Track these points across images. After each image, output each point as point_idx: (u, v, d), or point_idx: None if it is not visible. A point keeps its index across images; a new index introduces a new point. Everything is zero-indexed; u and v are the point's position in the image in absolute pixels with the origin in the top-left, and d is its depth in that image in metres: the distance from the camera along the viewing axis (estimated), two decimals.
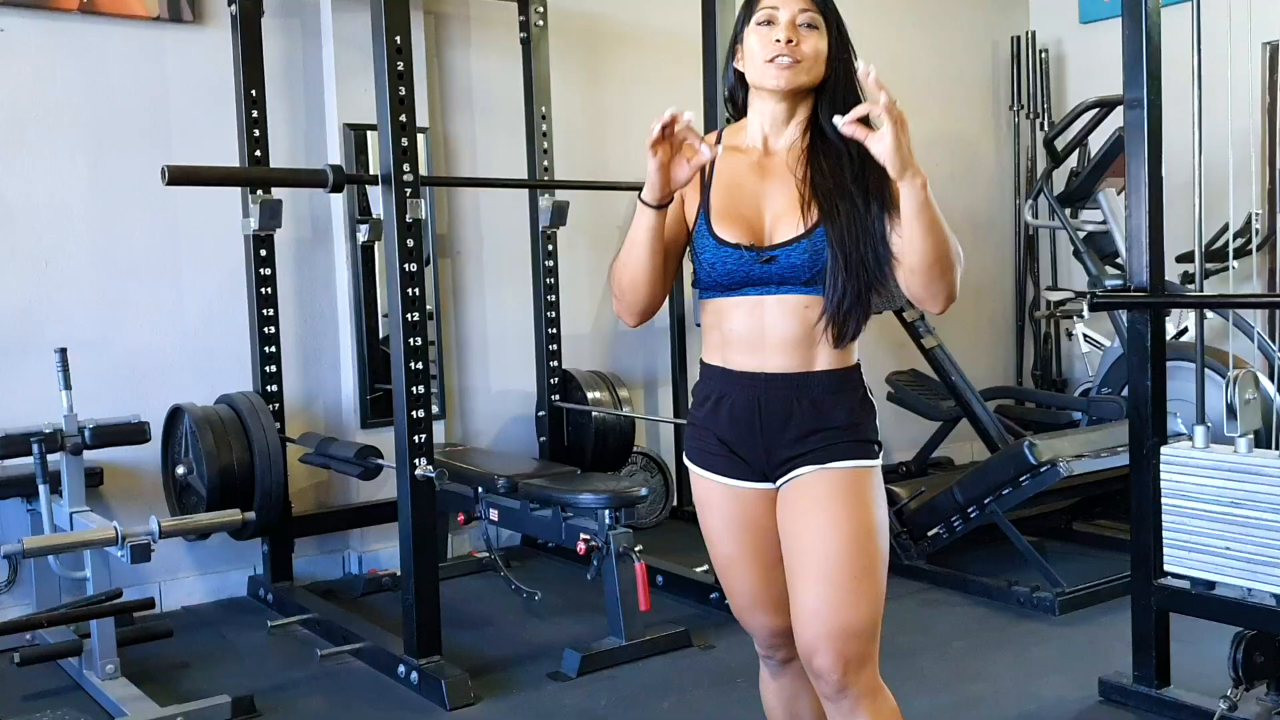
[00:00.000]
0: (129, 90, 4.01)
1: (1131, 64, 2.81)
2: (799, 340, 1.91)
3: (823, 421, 1.92)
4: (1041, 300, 6.09)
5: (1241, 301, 3.66)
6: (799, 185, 1.92)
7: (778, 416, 1.93)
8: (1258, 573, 2.62)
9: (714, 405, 1.98)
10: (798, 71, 1.90)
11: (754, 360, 1.93)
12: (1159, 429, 2.87)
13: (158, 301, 4.08)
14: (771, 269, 1.89)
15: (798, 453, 1.92)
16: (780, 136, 1.97)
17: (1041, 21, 6.33)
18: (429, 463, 3.16)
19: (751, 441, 1.94)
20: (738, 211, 1.93)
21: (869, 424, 1.97)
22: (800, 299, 1.90)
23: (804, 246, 1.87)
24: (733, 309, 1.94)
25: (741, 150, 2.00)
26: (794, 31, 1.90)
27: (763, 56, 1.92)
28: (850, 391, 1.95)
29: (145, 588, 4.00)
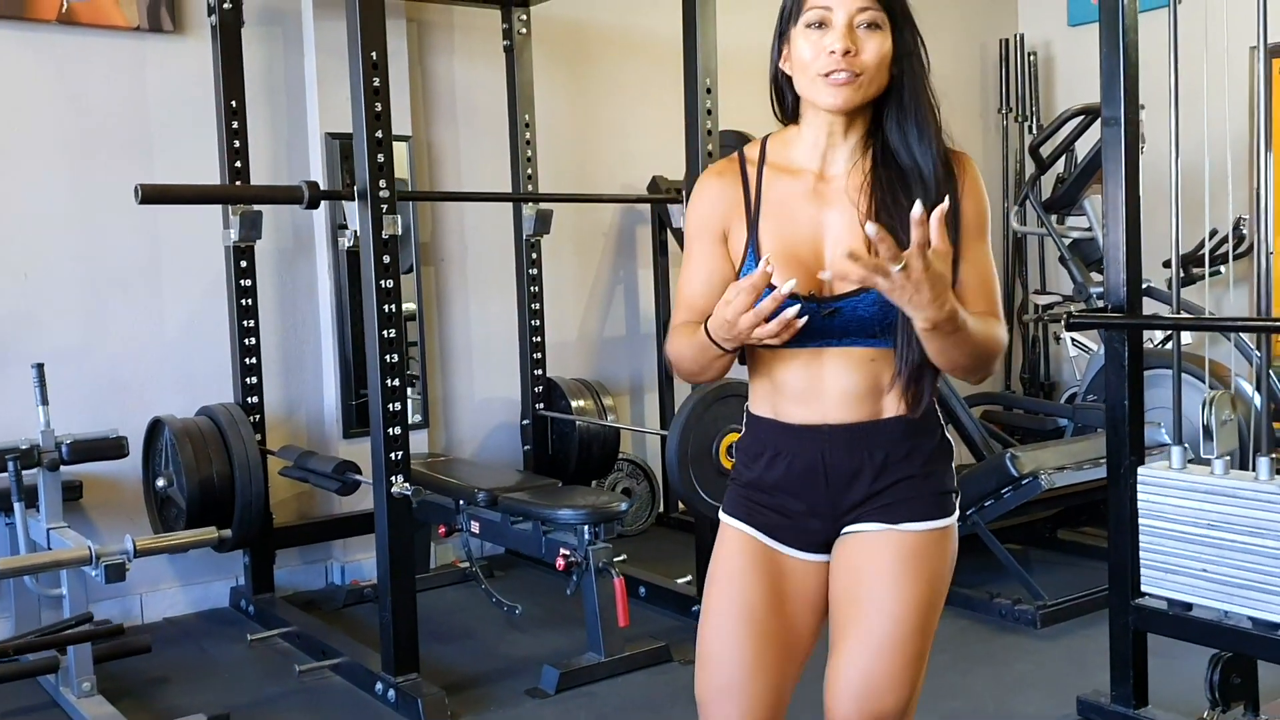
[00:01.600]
0: (109, 100, 3.99)
1: (1109, 83, 2.80)
2: (865, 393, 1.68)
3: (895, 473, 1.70)
4: (1029, 304, 6.08)
5: (1217, 324, 3.66)
6: (861, 219, 1.64)
7: (845, 471, 1.70)
8: (1234, 595, 2.61)
9: (769, 463, 1.73)
10: (858, 87, 1.62)
11: (813, 412, 1.69)
12: (1136, 448, 2.86)
13: (138, 313, 4.06)
14: (834, 322, 1.64)
15: (866, 506, 1.70)
16: (838, 155, 1.69)
17: (1030, 24, 6.31)
18: (405, 480, 3.15)
19: (815, 501, 1.71)
20: (793, 252, 1.66)
21: (947, 471, 1.75)
22: (865, 352, 1.66)
23: (872, 298, 1.60)
24: (787, 359, 1.70)
25: (793, 171, 1.71)
26: (852, 37, 1.61)
27: (816, 69, 1.62)
28: (927, 435, 1.72)
29: (126, 600, 3.99)
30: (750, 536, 1.74)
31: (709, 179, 1.77)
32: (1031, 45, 6.20)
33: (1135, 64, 2.81)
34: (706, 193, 1.76)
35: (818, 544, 1.74)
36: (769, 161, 1.72)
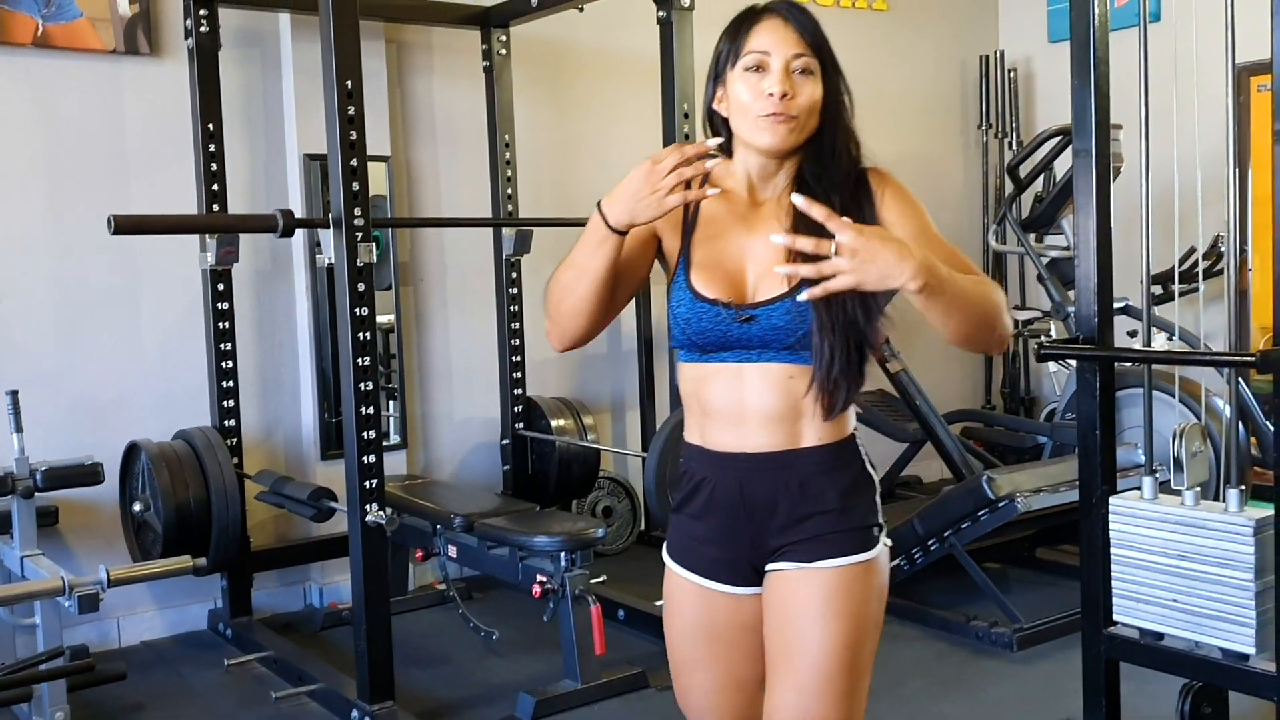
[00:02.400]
0: (85, 124, 3.98)
1: (1080, 114, 2.80)
2: (783, 415, 1.72)
3: (813, 505, 1.73)
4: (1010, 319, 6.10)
5: (1188, 358, 3.67)
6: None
7: (763, 503, 1.74)
8: (1204, 626, 2.61)
9: (693, 490, 1.80)
10: (793, 130, 1.72)
11: (734, 438, 1.75)
12: (1108, 477, 2.86)
13: (115, 336, 4.05)
14: (751, 330, 1.71)
15: (786, 542, 1.74)
16: (768, 187, 1.80)
17: (1010, 41, 6.33)
18: (380, 507, 3.14)
19: (736, 533, 1.76)
20: (719, 265, 1.76)
21: (868, 504, 1.77)
22: (784, 368, 1.72)
23: (786, 306, 1.69)
24: (711, 377, 1.76)
25: (727, 196, 1.81)
26: (789, 82, 1.70)
27: (755, 110, 1.71)
28: (843, 468, 1.76)
29: (103, 624, 3.98)
30: (687, 582, 1.82)
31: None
32: (1011, 62, 6.23)
33: (1106, 94, 2.82)
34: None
35: (746, 577, 1.78)
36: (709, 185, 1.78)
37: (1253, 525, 2.50)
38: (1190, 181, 2.90)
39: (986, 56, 6.23)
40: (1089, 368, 2.85)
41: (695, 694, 1.86)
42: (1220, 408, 4.36)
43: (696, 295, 1.73)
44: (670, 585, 1.85)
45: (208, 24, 3.96)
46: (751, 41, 1.72)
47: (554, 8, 4.35)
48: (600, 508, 5.00)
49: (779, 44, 1.71)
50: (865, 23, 5.89)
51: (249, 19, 4.23)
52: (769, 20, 1.74)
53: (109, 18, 3.96)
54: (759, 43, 1.72)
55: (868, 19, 5.90)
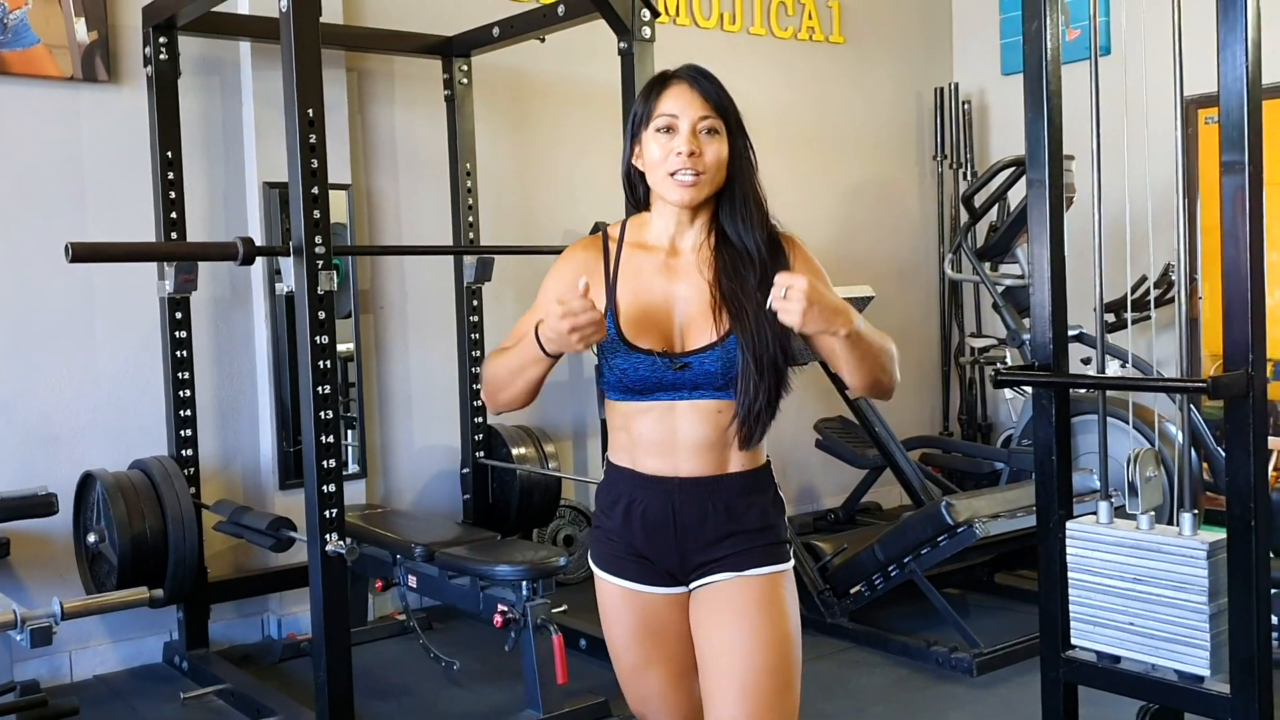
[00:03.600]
0: (41, 151, 3.95)
1: (1033, 145, 2.86)
2: (712, 444, 1.89)
3: (736, 525, 1.90)
4: (965, 347, 6.17)
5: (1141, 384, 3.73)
6: (709, 288, 1.90)
7: (692, 521, 1.90)
8: (1159, 649, 2.65)
9: (625, 511, 1.94)
10: (701, 185, 1.88)
11: (665, 464, 1.91)
12: (1064, 502, 2.90)
13: (70, 365, 4.00)
14: (685, 375, 1.87)
15: (712, 558, 1.90)
16: (685, 237, 1.95)
17: (964, 73, 6.44)
18: (340, 537, 3.12)
19: (665, 547, 1.92)
20: (647, 315, 1.90)
21: (781, 525, 1.96)
22: (713, 404, 1.89)
23: (717, 354, 1.86)
24: (642, 413, 1.91)
25: (647, 247, 1.96)
26: (695, 141, 1.87)
27: (665, 169, 1.88)
28: (761, 492, 1.94)
29: (55, 658, 3.92)
30: (619, 588, 1.97)
31: (575, 251, 2.04)
32: (966, 94, 6.33)
33: (1059, 125, 2.87)
34: (571, 261, 2.02)
35: (669, 578, 1.95)
36: (627, 240, 1.98)
37: (1206, 549, 2.55)
38: (1141, 211, 2.96)
39: (941, 89, 6.33)
40: (1045, 394, 2.89)
41: (650, 695, 2.00)
42: (1173, 434, 4.43)
43: (631, 346, 1.88)
44: (604, 594, 1.99)
45: (167, 52, 3.95)
46: (662, 105, 1.89)
47: (515, 38, 4.38)
48: (561, 536, 4.99)
49: (686, 107, 1.88)
50: (823, 55, 5.97)
51: (209, 47, 4.22)
52: (677, 86, 1.91)
53: (66, 45, 3.93)
54: (668, 106, 1.89)
55: (826, 51, 5.98)
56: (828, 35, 6.00)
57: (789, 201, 5.49)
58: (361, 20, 4.54)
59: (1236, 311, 2.40)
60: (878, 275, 5.74)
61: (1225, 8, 2.41)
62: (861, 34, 6.15)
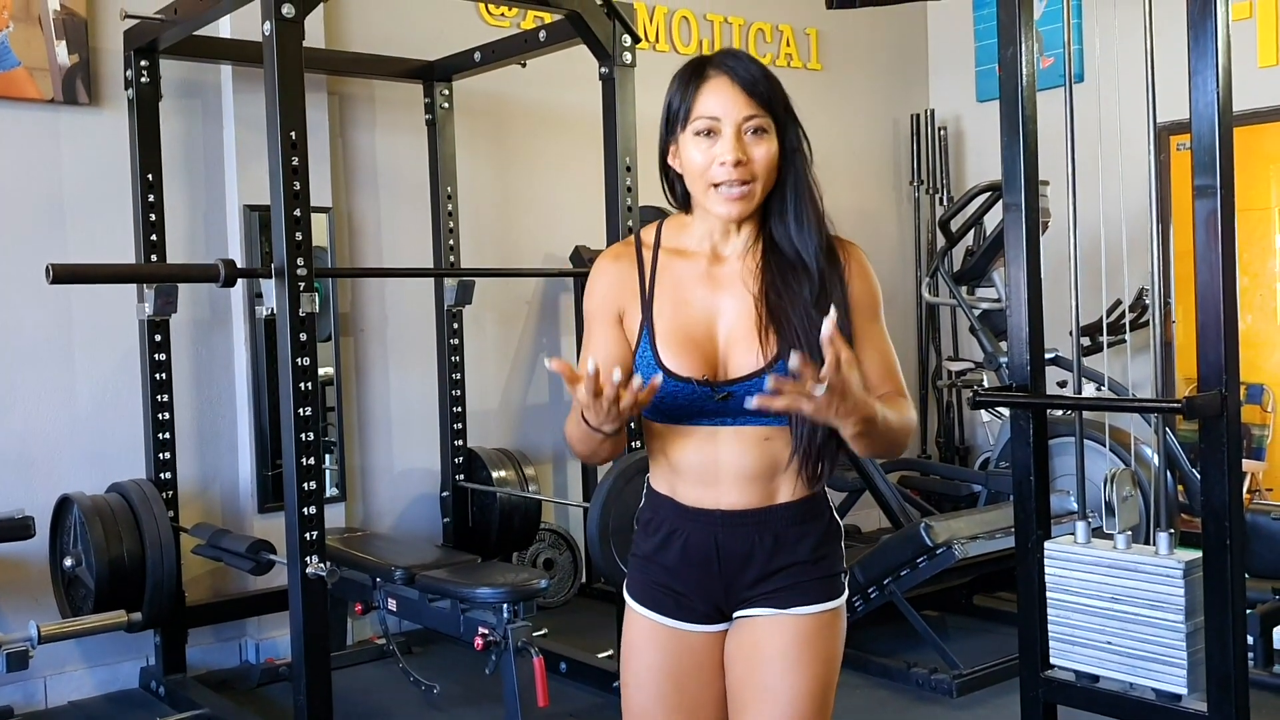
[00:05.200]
0: (21, 173, 3.94)
1: (1009, 169, 2.89)
2: (759, 474, 1.71)
3: (787, 557, 1.73)
4: (943, 370, 6.21)
5: (1117, 404, 3.77)
6: (755, 303, 1.69)
7: (737, 556, 1.73)
8: (1137, 668, 2.67)
9: (664, 540, 1.77)
10: (750, 198, 1.67)
11: (708, 495, 1.73)
12: (1042, 522, 2.92)
13: (47, 386, 3.98)
14: (729, 404, 1.68)
15: (759, 592, 1.74)
16: (731, 242, 1.75)
17: (940, 100, 6.51)
18: (321, 560, 3.11)
19: (707, 583, 1.75)
20: (687, 334, 1.70)
21: (836, 553, 1.79)
22: (760, 430, 1.70)
23: (763, 382, 1.57)
24: (682, 438, 1.73)
25: (687, 254, 1.75)
26: (741, 146, 1.65)
27: (708, 178, 1.67)
28: (816, 519, 1.76)
29: (29, 684, 3.88)
30: (652, 623, 1.79)
31: (605, 262, 1.81)
32: (942, 120, 6.40)
33: (1035, 150, 2.91)
34: (603, 276, 1.79)
35: (712, 618, 1.78)
36: (664, 246, 1.77)
37: (1182, 568, 2.57)
38: (1115, 236, 2.99)
39: (917, 115, 6.39)
40: (1022, 415, 2.92)
41: None
42: (1149, 455, 4.47)
43: (668, 372, 1.67)
44: (632, 627, 1.82)
45: (149, 75, 3.95)
46: (700, 104, 1.67)
47: (497, 63, 4.40)
48: (542, 560, 4.98)
49: (729, 106, 1.66)
50: (801, 81, 6.02)
51: (190, 70, 4.23)
52: (716, 79, 1.68)
53: (47, 68, 3.94)
54: (708, 106, 1.67)
55: (803, 77, 6.04)
56: (805, 62, 6.06)
57: None
58: (343, 45, 4.57)
59: (1210, 332, 2.44)
60: None
61: (1197, 35, 2.46)
62: (839, 61, 6.21)
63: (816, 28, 6.09)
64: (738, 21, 5.76)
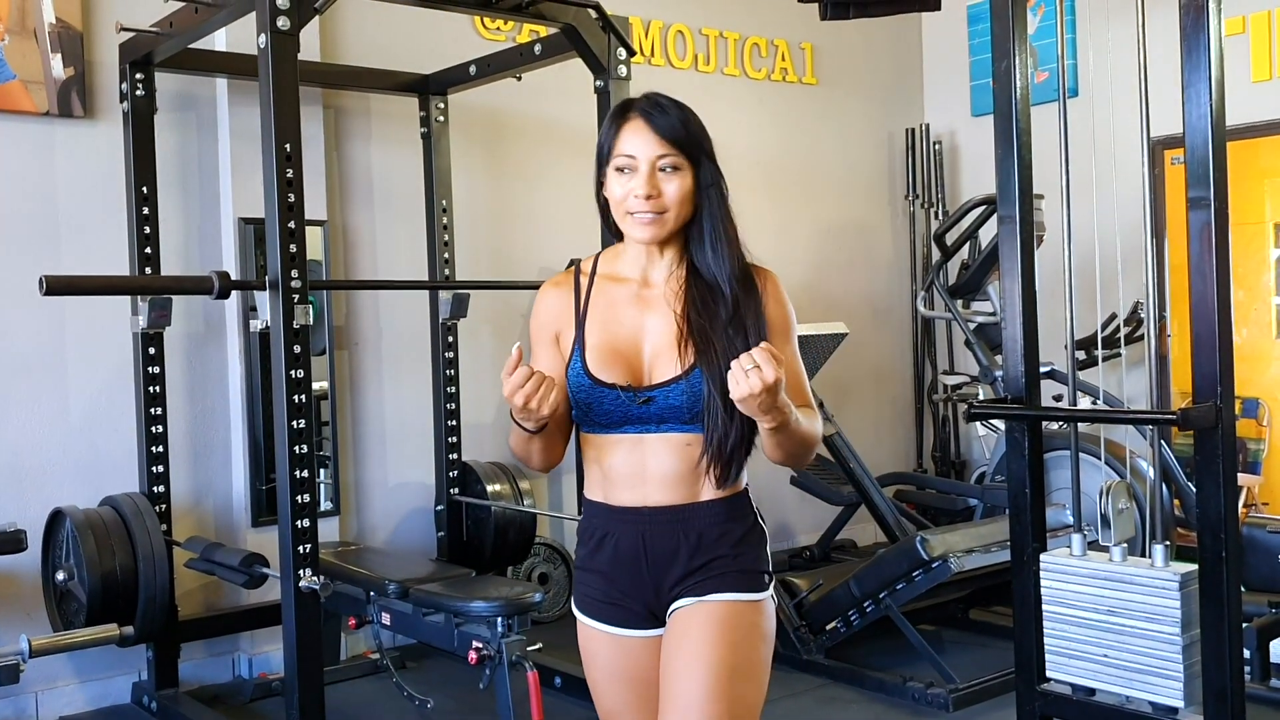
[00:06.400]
0: (15, 186, 3.93)
1: (1004, 182, 2.90)
2: (682, 475, 1.87)
3: (708, 553, 1.87)
4: (939, 384, 6.21)
5: (1112, 416, 3.77)
6: (678, 321, 1.88)
7: (664, 552, 1.87)
8: (1134, 680, 2.67)
9: (598, 544, 1.92)
10: (662, 224, 1.86)
11: (636, 495, 1.88)
12: (1038, 535, 2.92)
13: (40, 399, 3.97)
14: (650, 409, 1.85)
15: (683, 586, 1.87)
16: (657, 268, 1.94)
17: (935, 114, 6.53)
18: (314, 573, 3.10)
19: (639, 581, 1.89)
20: (615, 348, 1.89)
21: (758, 553, 1.92)
22: (682, 437, 1.86)
23: (682, 388, 1.84)
24: (613, 446, 1.90)
25: (620, 280, 1.95)
26: (654, 182, 1.84)
27: (625, 208, 1.87)
28: (738, 519, 1.91)
29: (20, 699, 3.86)
30: (598, 632, 1.94)
31: (549, 289, 2.01)
32: (936, 134, 6.42)
33: (1029, 164, 2.92)
34: (545, 300, 2.00)
35: (648, 619, 1.91)
36: (600, 273, 1.96)
37: (1178, 580, 2.57)
38: (1109, 250, 3.00)
39: (912, 129, 6.41)
40: (1018, 427, 2.92)
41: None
42: (1144, 469, 4.47)
43: (595, 380, 1.86)
44: (585, 638, 1.97)
45: (144, 88, 3.95)
46: (620, 144, 1.86)
47: (492, 76, 4.41)
48: (537, 573, 4.97)
49: (643, 145, 1.84)
50: (796, 96, 6.04)
51: (185, 83, 4.23)
52: (633, 122, 1.87)
53: (42, 80, 3.93)
54: (625, 145, 1.86)
55: (799, 92, 6.05)
56: (801, 77, 6.07)
57: (763, 240, 5.56)
58: (339, 58, 4.57)
59: (1204, 344, 2.44)
60: (851, 313, 5.77)
61: (1190, 48, 2.47)
62: (834, 76, 6.23)
63: (812, 42, 6.10)
64: (733, 36, 5.77)
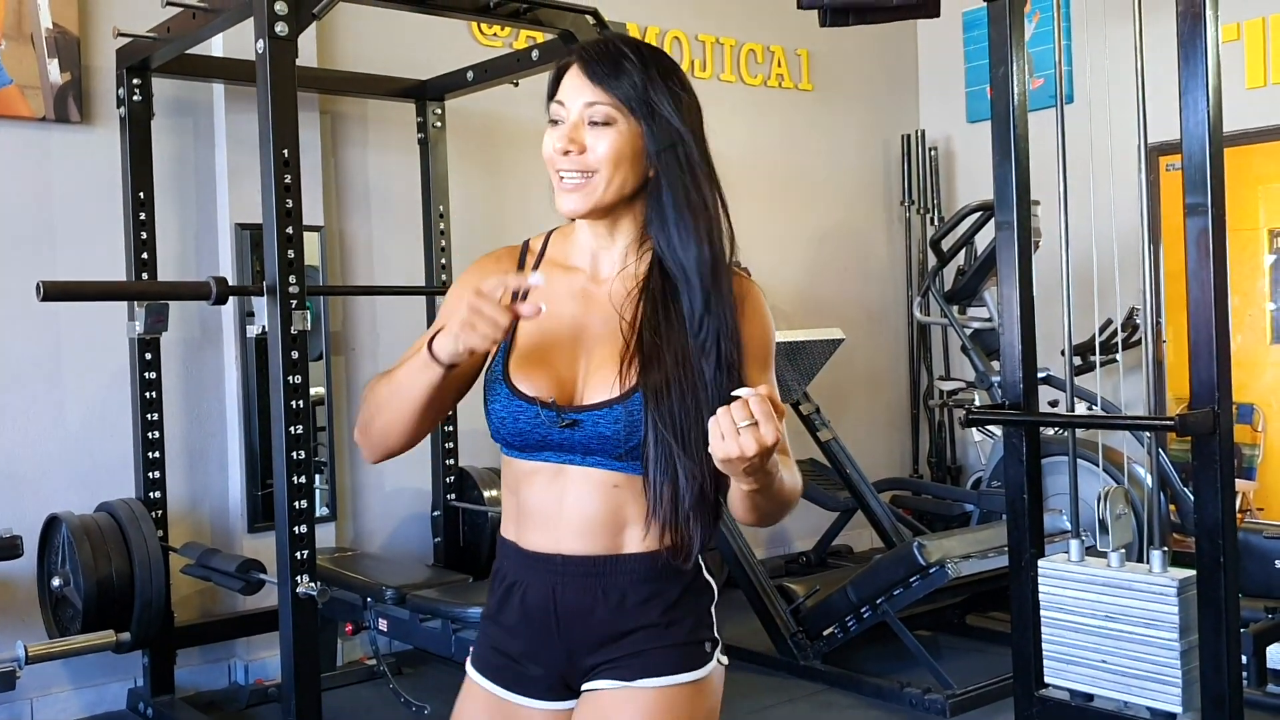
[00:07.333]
0: (11, 192, 3.92)
1: (1001, 187, 2.91)
2: (603, 521, 1.50)
3: (634, 619, 1.50)
4: (934, 390, 6.22)
5: (1109, 422, 3.78)
6: (624, 330, 1.50)
7: (578, 613, 1.51)
8: (1132, 686, 2.67)
9: (505, 595, 1.57)
10: (589, 192, 1.50)
11: (549, 539, 1.52)
12: (1036, 540, 2.92)
13: (36, 405, 3.96)
14: (574, 435, 1.47)
15: (604, 659, 1.51)
16: (608, 257, 1.57)
17: (931, 121, 6.54)
18: (311, 579, 3.09)
19: (548, 642, 1.53)
20: (545, 355, 1.52)
21: (697, 619, 1.54)
22: (609, 476, 1.49)
23: (617, 415, 1.46)
24: (529, 475, 1.54)
25: (568, 268, 1.59)
26: (577, 135, 1.49)
27: (552, 167, 1.53)
28: (672, 578, 1.52)
29: (15, 705, 3.84)
30: (487, 694, 1.58)
31: (486, 261, 1.66)
32: (932, 141, 6.43)
33: (1026, 169, 2.93)
34: (480, 272, 1.62)
35: (555, 689, 1.56)
36: (548, 256, 1.62)
37: (1176, 585, 2.58)
38: (1105, 256, 3.01)
39: (908, 135, 6.42)
40: (1016, 433, 2.93)
41: None
42: (1141, 475, 4.47)
43: (514, 391, 1.50)
44: (462, 698, 1.62)
45: (141, 93, 3.95)
46: (557, 92, 1.54)
47: (489, 82, 4.41)
48: None
49: (572, 93, 1.51)
50: (792, 102, 6.05)
51: (182, 89, 4.23)
52: (571, 68, 1.54)
53: (39, 85, 3.93)
54: (560, 92, 1.53)
55: (794, 98, 6.06)
56: (797, 83, 6.08)
57: (759, 246, 5.57)
58: (335, 64, 4.57)
59: (1202, 349, 2.45)
60: (847, 319, 5.78)
61: (1187, 55, 2.48)
62: (830, 82, 6.24)
63: (808, 49, 6.11)
64: (729, 42, 5.78)
